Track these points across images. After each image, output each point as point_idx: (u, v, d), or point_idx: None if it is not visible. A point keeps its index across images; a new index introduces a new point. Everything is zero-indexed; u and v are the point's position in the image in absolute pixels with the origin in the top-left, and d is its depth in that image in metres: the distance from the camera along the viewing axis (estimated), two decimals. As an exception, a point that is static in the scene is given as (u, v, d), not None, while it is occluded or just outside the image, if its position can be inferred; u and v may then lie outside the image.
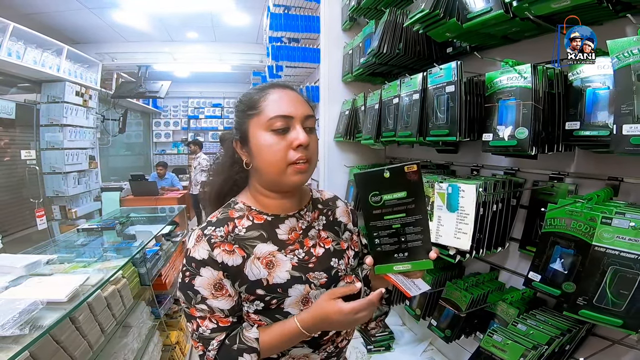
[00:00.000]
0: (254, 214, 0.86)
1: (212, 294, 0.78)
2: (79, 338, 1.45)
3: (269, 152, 0.79)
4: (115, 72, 6.48)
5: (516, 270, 1.35)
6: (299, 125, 0.79)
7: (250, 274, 0.80)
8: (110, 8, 4.82)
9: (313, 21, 3.12)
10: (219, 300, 0.79)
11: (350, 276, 0.91)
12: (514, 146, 1.00)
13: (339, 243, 0.93)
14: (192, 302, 0.79)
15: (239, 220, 0.84)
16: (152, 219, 3.16)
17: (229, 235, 0.81)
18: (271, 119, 0.78)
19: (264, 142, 0.79)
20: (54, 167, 4.70)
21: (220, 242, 0.79)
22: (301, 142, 0.78)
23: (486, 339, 1.10)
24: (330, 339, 0.89)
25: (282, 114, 0.79)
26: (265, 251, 0.82)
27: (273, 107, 0.79)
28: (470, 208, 1.10)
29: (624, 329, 0.78)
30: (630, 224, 0.75)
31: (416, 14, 1.19)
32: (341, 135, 2.11)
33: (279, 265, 0.82)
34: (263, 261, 0.81)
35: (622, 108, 0.74)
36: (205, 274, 0.78)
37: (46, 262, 1.76)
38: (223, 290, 0.79)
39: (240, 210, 0.86)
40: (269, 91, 0.83)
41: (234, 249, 0.80)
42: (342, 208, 1.01)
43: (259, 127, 0.80)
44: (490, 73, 1.12)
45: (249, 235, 0.83)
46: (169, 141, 9.17)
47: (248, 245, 0.82)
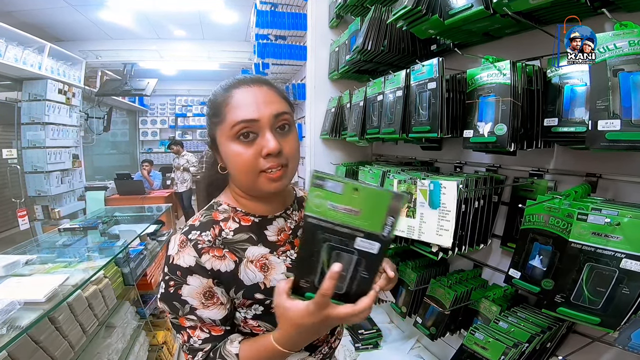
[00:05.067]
0: (240, 216, 0.82)
1: (202, 304, 0.73)
2: (59, 338, 1.44)
3: (238, 163, 0.73)
4: (100, 69, 6.38)
5: (498, 267, 1.36)
6: (267, 130, 0.72)
7: (245, 279, 0.76)
8: (95, 6, 4.73)
9: (300, 18, 3.11)
10: (210, 310, 0.73)
11: None
12: (493, 142, 1.00)
13: None
14: (180, 313, 0.73)
15: (224, 223, 0.79)
16: (138, 218, 3.12)
17: (216, 239, 0.76)
18: (234, 127, 0.71)
19: (231, 152, 0.73)
20: (36, 166, 4.61)
21: (208, 248, 0.74)
22: (270, 151, 0.71)
23: (468, 337, 1.10)
24: (324, 339, 0.88)
25: (245, 119, 0.71)
26: (257, 254, 0.79)
27: (235, 113, 0.72)
28: (452, 205, 1.10)
29: (602, 327, 0.77)
30: (606, 220, 0.76)
31: (399, 10, 1.19)
32: (327, 132, 2.10)
33: (273, 267, 0.79)
34: (257, 264, 0.78)
35: (598, 104, 0.74)
36: (193, 282, 0.72)
37: (25, 262, 1.73)
38: (214, 299, 0.73)
39: (225, 212, 0.82)
40: (232, 92, 0.75)
41: (224, 254, 0.75)
42: None
43: (225, 136, 0.74)
44: (471, 70, 1.12)
45: (238, 238, 0.79)
46: (156, 139, 9.07)
47: (238, 248, 0.77)
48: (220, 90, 0.78)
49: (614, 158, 0.96)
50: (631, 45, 0.72)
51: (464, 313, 1.35)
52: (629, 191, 0.94)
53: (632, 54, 0.72)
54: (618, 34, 0.74)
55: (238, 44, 6.29)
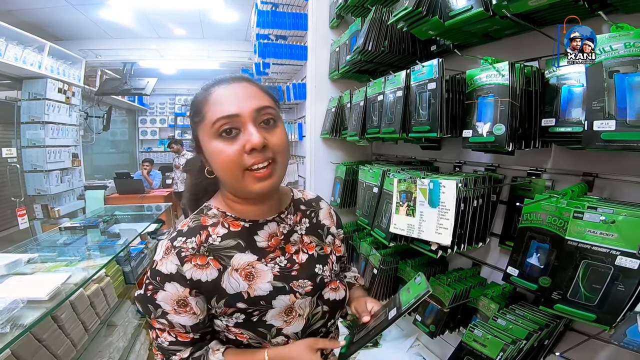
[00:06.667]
0: (229, 221, 0.79)
1: (174, 310, 0.72)
2: (62, 337, 1.45)
3: (220, 160, 0.71)
4: (100, 69, 6.38)
5: (496, 265, 1.37)
6: (250, 124, 0.69)
7: (228, 288, 0.74)
8: (95, 5, 4.73)
9: (301, 18, 3.12)
10: (182, 316, 0.73)
11: (335, 282, 0.88)
12: (492, 142, 1.02)
13: (323, 248, 0.89)
14: (152, 316, 0.74)
15: (212, 228, 0.77)
16: (138, 217, 3.13)
17: (201, 246, 0.74)
18: (215, 123, 0.69)
19: (214, 150, 0.71)
20: (35, 165, 4.61)
21: (191, 256, 0.72)
22: (254, 145, 0.68)
23: (467, 334, 1.11)
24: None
25: (225, 115, 0.69)
26: (243, 262, 0.76)
27: (215, 109, 0.70)
28: (451, 204, 1.12)
29: (598, 323, 0.78)
30: (601, 217, 0.77)
31: (400, 12, 1.20)
32: (327, 132, 2.12)
33: (259, 276, 0.76)
34: (242, 273, 0.75)
35: (594, 105, 0.76)
36: (169, 289, 0.71)
37: (27, 261, 1.74)
38: (187, 308, 0.72)
39: (214, 217, 0.79)
40: (211, 90, 0.74)
41: (207, 262, 0.73)
42: (325, 210, 0.97)
43: (207, 135, 0.72)
44: (470, 70, 1.13)
45: (225, 244, 0.76)
46: (155, 139, 9.06)
47: (224, 256, 0.75)
48: (201, 90, 0.77)
49: (609, 158, 0.98)
50: (627, 47, 0.73)
51: (462, 311, 1.36)
52: (625, 190, 0.96)
53: (628, 55, 0.73)
54: (614, 36, 0.75)
55: (238, 43, 6.28)
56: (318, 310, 0.83)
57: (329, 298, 0.85)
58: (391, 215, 1.33)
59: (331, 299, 0.85)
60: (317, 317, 0.84)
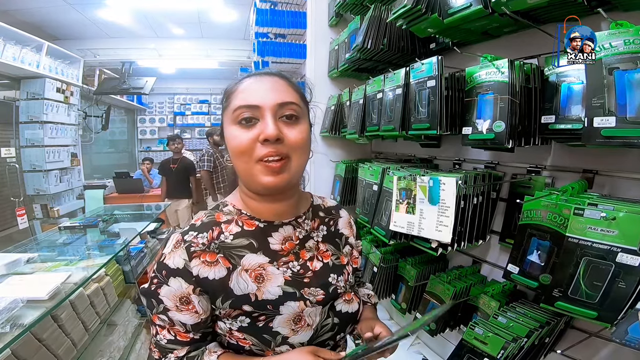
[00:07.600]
0: (244, 219, 0.78)
1: (176, 307, 0.71)
2: (62, 336, 1.45)
3: (234, 146, 0.71)
4: (98, 68, 6.36)
5: (497, 263, 1.37)
6: (269, 115, 0.69)
7: (236, 288, 0.72)
8: (93, 4, 4.72)
9: (299, 17, 3.12)
10: (183, 314, 0.71)
11: (350, 294, 0.85)
12: (492, 139, 1.01)
13: (339, 257, 0.86)
14: (154, 311, 0.73)
15: (226, 226, 0.76)
16: (137, 217, 3.12)
17: (212, 242, 0.73)
18: (236, 110, 0.71)
19: (230, 135, 0.72)
20: (34, 165, 4.61)
21: (200, 252, 0.71)
22: (267, 136, 0.67)
23: (468, 332, 1.11)
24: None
25: (246, 104, 0.70)
26: (254, 263, 0.74)
27: (239, 97, 0.72)
28: (451, 201, 1.11)
29: (599, 321, 0.78)
30: (602, 214, 0.77)
31: (399, 10, 1.20)
32: (327, 130, 2.12)
33: (269, 279, 0.74)
34: (251, 274, 0.73)
35: (594, 101, 0.76)
36: (173, 284, 0.70)
37: (27, 260, 1.74)
38: (189, 306, 0.71)
39: (229, 214, 0.78)
40: (243, 80, 0.75)
41: (217, 259, 0.72)
42: (345, 219, 0.94)
43: (228, 120, 0.73)
44: (470, 68, 1.13)
45: (237, 243, 0.75)
46: (155, 138, 9.04)
47: (235, 254, 0.73)
48: (234, 81, 0.78)
49: (610, 155, 0.98)
50: (626, 44, 0.73)
51: (463, 309, 1.36)
52: (625, 187, 0.95)
53: (627, 52, 0.73)
54: (613, 33, 0.75)
55: (237, 42, 6.27)
56: (328, 322, 0.80)
57: (340, 310, 0.82)
58: (391, 213, 1.33)
59: (343, 311, 0.83)
60: (326, 329, 0.80)
